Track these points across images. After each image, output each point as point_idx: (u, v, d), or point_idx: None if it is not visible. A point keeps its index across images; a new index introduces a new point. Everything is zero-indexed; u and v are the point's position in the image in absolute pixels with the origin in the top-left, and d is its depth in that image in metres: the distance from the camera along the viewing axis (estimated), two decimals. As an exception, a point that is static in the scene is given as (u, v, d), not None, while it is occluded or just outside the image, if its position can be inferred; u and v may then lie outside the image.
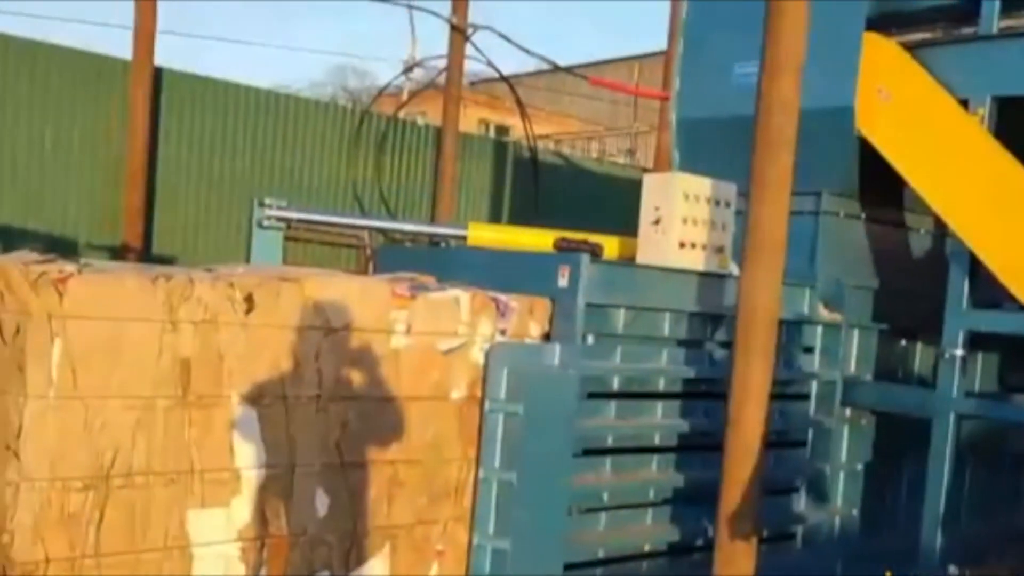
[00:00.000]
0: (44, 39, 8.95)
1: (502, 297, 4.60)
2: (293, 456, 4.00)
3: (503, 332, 4.59)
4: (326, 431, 4.09)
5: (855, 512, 6.12)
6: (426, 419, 4.39)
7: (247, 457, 3.87)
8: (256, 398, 3.88)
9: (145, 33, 9.01)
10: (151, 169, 9.30)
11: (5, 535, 3.38)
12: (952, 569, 5.69)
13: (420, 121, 12.74)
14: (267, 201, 5.52)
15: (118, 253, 8.83)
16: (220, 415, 3.79)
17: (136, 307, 3.57)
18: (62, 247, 8.54)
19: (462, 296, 4.48)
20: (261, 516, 3.92)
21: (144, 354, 3.59)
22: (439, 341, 4.41)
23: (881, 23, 5.82)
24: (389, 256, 6.03)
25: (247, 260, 5.44)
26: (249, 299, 3.83)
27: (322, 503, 4.10)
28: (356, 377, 4.16)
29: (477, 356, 4.53)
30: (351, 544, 4.20)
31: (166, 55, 9.40)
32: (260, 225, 5.46)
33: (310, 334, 4.00)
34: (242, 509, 3.87)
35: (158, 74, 9.34)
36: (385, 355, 4.24)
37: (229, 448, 3.82)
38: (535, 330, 4.73)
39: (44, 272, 3.41)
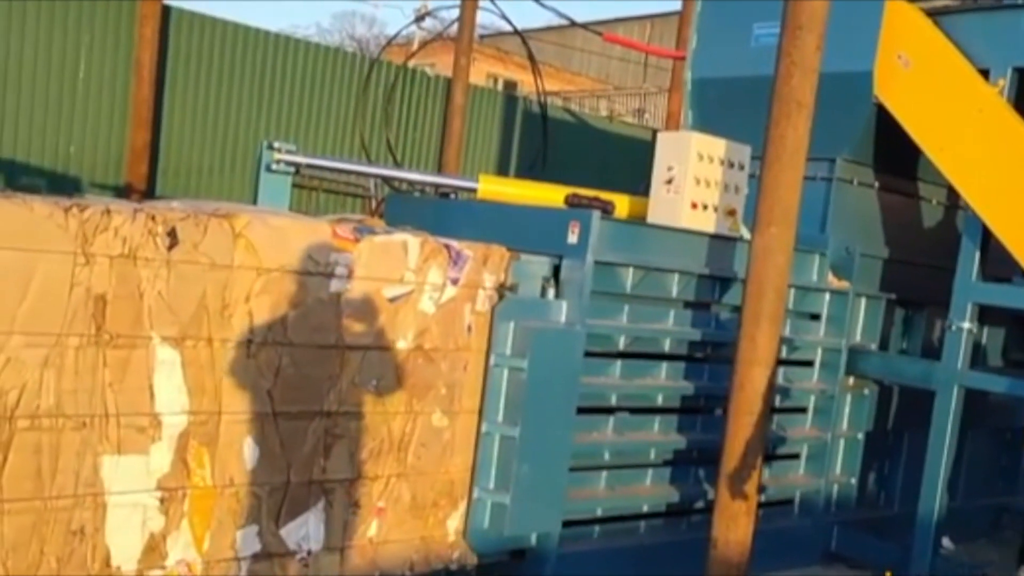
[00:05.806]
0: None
1: (455, 244, 4.41)
2: (219, 403, 3.77)
3: (455, 281, 4.39)
4: (257, 378, 3.85)
5: (853, 481, 6.14)
6: (368, 369, 4.15)
7: (168, 402, 3.65)
8: (179, 340, 3.65)
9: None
10: (157, 109, 9.20)
11: None
12: (946, 542, 5.72)
13: (429, 72, 12.61)
14: (276, 144, 5.40)
15: (122, 193, 8.77)
16: (138, 356, 3.56)
17: (45, 237, 3.33)
18: (65, 184, 8.49)
19: (411, 241, 4.25)
20: (183, 465, 3.71)
21: (54, 288, 3.36)
22: (385, 287, 4.20)
23: (905, -12, 5.73)
24: (396, 206, 5.97)
25: (254, 204, 5.36)
26: (172, 234, 3.59)
27: (251, 453, 3.87)
28: (291, 322, 3.91)
29: (426, 305, 4.32)
30: (282, 497, 3.98)
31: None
32: (268, 169, 5.34)
33: (240, 274, 3.76)
34: (162, 457, 3.65)
35: (166, 12, 9.22)
36: (324, 300, 3.99)
37: (149, 392, 3.60)
38: (489, 280, 4.53)
39: None
